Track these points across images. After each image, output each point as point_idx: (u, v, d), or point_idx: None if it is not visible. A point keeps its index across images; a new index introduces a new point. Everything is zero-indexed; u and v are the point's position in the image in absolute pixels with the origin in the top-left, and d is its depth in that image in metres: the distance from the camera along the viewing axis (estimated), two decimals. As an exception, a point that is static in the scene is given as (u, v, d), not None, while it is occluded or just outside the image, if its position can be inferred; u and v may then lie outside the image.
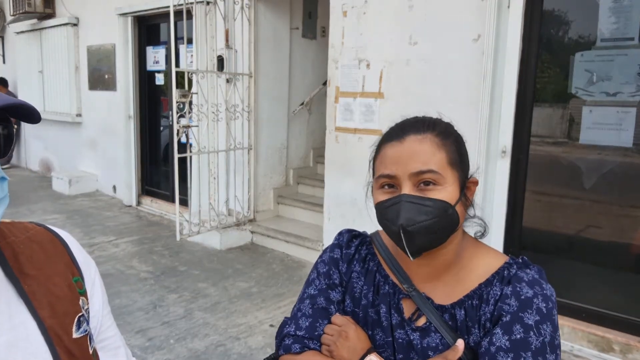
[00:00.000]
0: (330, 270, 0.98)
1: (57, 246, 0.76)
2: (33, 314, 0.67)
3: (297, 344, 0.91)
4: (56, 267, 0.73)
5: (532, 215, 3.02)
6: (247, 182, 4.83)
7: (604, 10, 2.65)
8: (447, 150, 0.84)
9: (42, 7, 6.75)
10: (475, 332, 0.83)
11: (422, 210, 0.80)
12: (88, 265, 0.79)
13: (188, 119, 4.25)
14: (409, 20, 3.31)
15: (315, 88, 5.36)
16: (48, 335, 0.67)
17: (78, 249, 0.79)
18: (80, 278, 0.76)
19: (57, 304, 0.69)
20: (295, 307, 0.98)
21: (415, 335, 0.87)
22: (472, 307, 0.84)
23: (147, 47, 5.95)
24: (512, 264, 0.86)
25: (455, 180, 0.84)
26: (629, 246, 2.76)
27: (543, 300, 0.80)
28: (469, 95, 3.02)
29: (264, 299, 3.49)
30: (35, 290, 0.68)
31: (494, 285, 0.84)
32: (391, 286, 0.92)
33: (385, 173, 0.85)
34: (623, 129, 2.63)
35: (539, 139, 2.96)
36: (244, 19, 4.55)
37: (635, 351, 2.52)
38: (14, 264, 0.68)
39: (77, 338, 0.70)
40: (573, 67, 2.76)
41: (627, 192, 2.76)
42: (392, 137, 0.88)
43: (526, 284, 0.82)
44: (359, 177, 3.71)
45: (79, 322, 0.71)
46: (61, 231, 0.80)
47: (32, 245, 0.72)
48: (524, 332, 0.78)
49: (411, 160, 0.83)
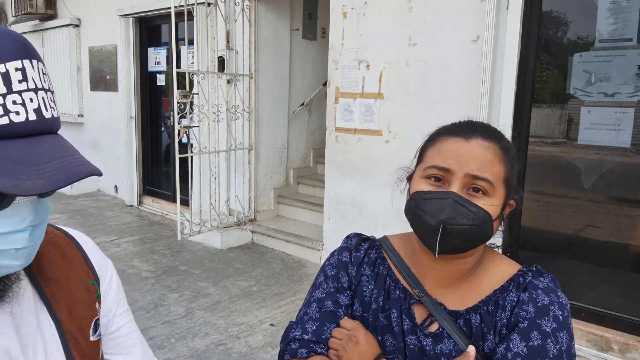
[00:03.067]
0: (339, 274, 0.95)
1: (74, 250, 0.76)
2: (52, 317, 0.67)
3: (304, 349, 0.88)
4: (74, 270, 0.74)
5: (531, 215, 3.03)
6: (248, 182, 4.85)
7: (602, 11, 2.66)
8: (506, 166, 0.83)
9: (44, 8, 6.77)
10: (491, 338, 0.82)
11: (466, 213, 0.79)
12: (104, 266, 0.80)
13: (189, 119, 4.28)
14: (408, 21, 3.32)
15: (315, 89, 5.38)
16: (65, 337, 0.67)
17: (94, 252, 0.80)
18: (96, 281, 0.77)
19: (75, 307, 0.70)
20: (302, 310, 0.94)
21: (428, 341, 0.85)
22: (487, 313, 0.83)
23: (149, 48, 5.97)
24: (526, 271, 0.85)
25: (502, 198, 0.83)
26: (627, 246, 2.78)
27: (559, 308, 0.79)
28: (468, 95, 3.04)
29: (264, 298, 3.51)
30: (55, 293, 0.69)
31: (509, 291, 0.83)
32: (402, 291, 0.90)
33: (440, 165, 0.82)
34: (621, 130, 2.64)
35: (538, 139, 2.97)
36: (244, 20, 4.57)
37: (634, 350, 2.53)
38: (35, 266, 0.68)
39: (93, 341, 0.71)
40: (571, 68, 2.77)
41: (625, 192, 2.77)
42: (457, 133, 0.84)
43: (542, 291, 0.81)
44: (359, 177, 3.72)
45: (96, 325, 0.73)
46: (77, 233, 0.81)
47: (51, 249, 0.73)
48: (541, 339, 0.76)
49: (472, 161, 0.80)
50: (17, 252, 0.56)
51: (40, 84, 0.56)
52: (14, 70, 0.54)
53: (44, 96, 0.56)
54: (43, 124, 0.55)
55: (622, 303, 2.72)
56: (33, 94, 0.55)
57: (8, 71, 0.53)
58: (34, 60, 0.56)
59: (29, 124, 0.54)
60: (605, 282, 2.87)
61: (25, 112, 0.53)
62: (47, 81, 0.58)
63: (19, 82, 0.54)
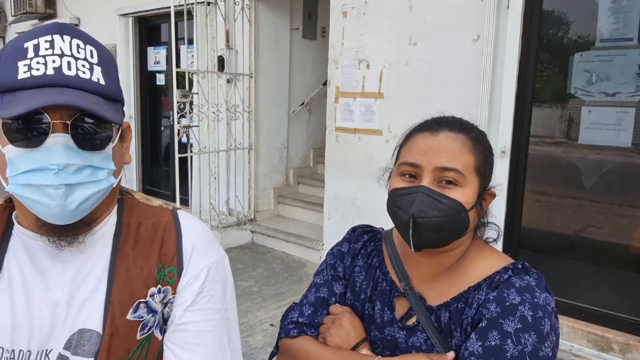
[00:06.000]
0: (336, 263, 1.01)
1: (169, 234, 0.81)
2: (108, 285, 0.75)
3: (296, 330, 0.94)
4: (149, 252, 0.79)
5: (531, 215, 3.02)
6: (248, 182, 4.84)
7: (603, 11, 2.66)
8: (476, 155, 0.83)
9: (43, 8, 6.76)
10: (457, 335, 0.83)
11: (436, 205, 0.80)
12: (199, 259, 0.81)
13: (189, 119, 4.27)
14: (408, 21, 3.32)
15: (315, 88, 5.38)
16: (107, 306, 0.74)
17: (197, 243, 0.82)
18: (176, 269, 0.79)
19: (128, 284, 0.76)
20: (304, 294, 1.01)
21: (402, 333, 0.87)
22: (456, 310, 0.83)
23: (148, 47, 5.97)
24: (508, 269, 0.84)
25: (475, 187, 0.83)
26: (628, 246, 2.77)
27: (530, 309, 0.76)
28: (468, 95, 3.03)
29: (264, 298, 3.50)
30: (120, 267, 0.76)
31: (481, 289, 0.83)
32: (389, 283, 0.92)
33: (409, 161, 0.84)
34: (622, 129, 2.63)
35: (538, 139, 2.97)
36: (244, 20, 4.56)
37: (635, 351, 2.53)
38: (122, 240, 0.78)
39: (129, 320, 0.75)
40: (572, 68, 2.77)
41: (626, 192, 2.76)
42: (425, 128, 0.87)
43: (515, 290, 0.79)
44: (359, 177, 3.72)
45: (137, 307, 0.76)
46: (188, 219, 0.85)
47: (148, 230, 0.81)
48: (500, 340, 0.75)
49: (439, 154, 0.82)
50: (47, 189, 0.66)
51: (69, 52, 0.68)
52: (44, 42, 0.68)
53: (71, 61, 0.68)
54: (61, 79, 0.67)
55: (622, 303, 2.72)
56: (57, 58, 0.67)
57: (39, 43, 0.68)
58: (66, 36, 0.69)
59: (45, 78, 0.66)
60: (606, 282, 2.87)
61: (45, 69, 0.66)
62: (85, 53, 0.70)
63: (46, 50, 0.67)
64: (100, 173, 0.70)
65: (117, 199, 0.82)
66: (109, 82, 0.71)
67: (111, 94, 0.72)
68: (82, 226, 0.73)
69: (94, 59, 0.70)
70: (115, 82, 0.74)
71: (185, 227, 0.83)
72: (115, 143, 0.73)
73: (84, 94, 0.67)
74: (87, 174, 0.68)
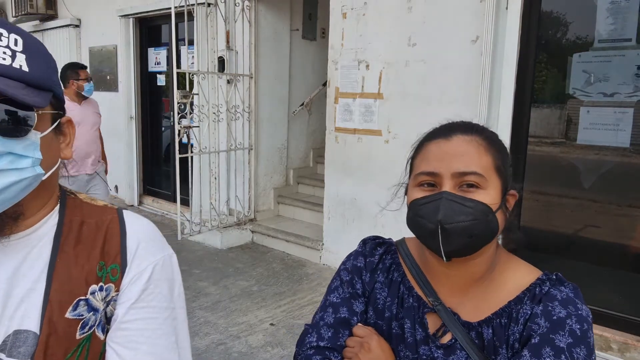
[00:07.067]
0: (353, 279, 0.93)
1: (113, 232, 0.78)
2: (47, 284, 0.72)
3: (318, 356, 0.87)
4: (91, 250, 0.76)
5: (531, 215, 3.03)
6: (248, 182, 4.85)
7: (601, 12, 2.67)
8: (494, 155, 0.81)
9: (44, 9, 6.78)
10: (503, 352, 0.79)
11: (462, 210, 0.76)
12: (144, 257, 0.78)
13: (189, 119, 4.29)
14: (408, 21, 3.33)
15: (315, 89, 5.39)
16: (45, 305, 0.72)
17: (142, 240, 0.79)
18: (119, 266, 0.76)
19: (67, 283, 0.74)
20: (317, 314, 0.93)
21: (440, 352, 0.82)
22: (500, 326, 0.80)
23: (149, 48, 5.98)
24: (545, 280, 0.81)
25: (498, 188, 0.80)
26: (627, 245, 2.78)
27: (577, 322, 0.75)
28: (467, 95, 3.05)
29: (264, 297, 3.52)
30: (60, 266, 0.74)
31: (524, 303, 0.79)
32: (415, 299, 0.87)
33: (427, 170, 0.81)
34: (620, 129, 2.64)
35: (537, 139, 2.98)
36: (244, 21, 4.58)
37: (633, 350, 2.54)
38: (64, 239, 0.76)
39: (68, 319, 0.72)
40: (571, 68, 2.78)
41: (624, 192, 2.77)
42: (437, 135, 0.84)
43: (559, 303, 0.76)
44: (358, 177, 3.73)
45: (77, 304, 0.73)
46: (134, 219, 0.81)
47: (92, 228, 0.78)
48: (554, 356, 0.72)
49: (457, 159, 0.79)
50: None
51: None
52: None
53: None
54: None
55: (621, 303, 2.73)
56: None
57: None
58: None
59: None
60: (605, 281, 2.88)
61: None
62: (8, 41, 0.68)
63: None
64: (24, 161, 0.67)
65: (58, 199, 0.79)
66: (33, 69, 0.70)
67: (36, 82, 0.70)
68: (6, 219, 0.70)
69: (18, 47, 0.69)
70: (43, 70, 0.72)
71: (130, 225, 0.80)
72: (46, 133, 0.71)
73: (2, 79, 0.66)
74: (7, 160, 0.66)
